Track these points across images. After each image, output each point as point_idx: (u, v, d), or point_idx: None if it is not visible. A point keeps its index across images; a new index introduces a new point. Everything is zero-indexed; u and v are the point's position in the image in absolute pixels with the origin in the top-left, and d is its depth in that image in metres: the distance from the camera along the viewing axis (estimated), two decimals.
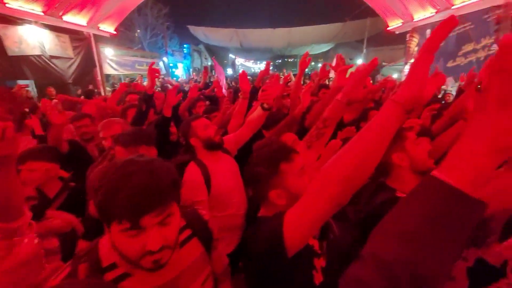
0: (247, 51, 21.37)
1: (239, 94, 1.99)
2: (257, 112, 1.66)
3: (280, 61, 24.97)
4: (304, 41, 17.11)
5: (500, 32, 5.05)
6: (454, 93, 4.71)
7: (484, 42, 5.58)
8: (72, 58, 7.83)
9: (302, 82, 2.76)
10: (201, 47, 21.17)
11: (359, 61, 14.40)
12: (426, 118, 2.02)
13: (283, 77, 3.92)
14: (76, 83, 7.94)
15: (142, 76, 10.41)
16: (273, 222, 0.71)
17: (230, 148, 1.74)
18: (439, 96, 5.73)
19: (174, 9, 18.96)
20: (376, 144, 0.57)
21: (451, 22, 0.47)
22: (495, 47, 5.22)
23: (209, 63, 21.35)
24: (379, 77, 10.55)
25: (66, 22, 6.97)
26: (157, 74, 1.93)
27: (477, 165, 0.38)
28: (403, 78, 7.59)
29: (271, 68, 23.19)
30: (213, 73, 19.56)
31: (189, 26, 17.16)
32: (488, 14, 5.32)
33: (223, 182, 1.50)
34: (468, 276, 0.95)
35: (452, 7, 6.18)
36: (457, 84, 5.44)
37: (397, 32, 8.87)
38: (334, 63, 2.07)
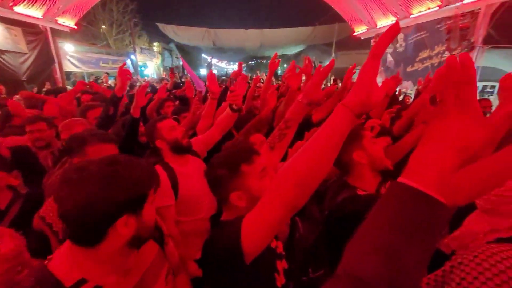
0: (220, 52, 21.19)
1: (208, 94, 1.96)
2: (226, 113, 1.65)
3: (253, 62, 25.08)
4: (276, 42, 17.39)
5: (451, 41, 5.56)
6: (413, 96, 5.09)
7: (438, 49, 6.11)
8: (26, 54, 7.16)
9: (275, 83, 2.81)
10: (172, 45, 20.57)
11: None
12: (386, 120, 2.16)
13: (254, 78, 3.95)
14: (31, 80, 7.27)
15: (108, 74, 9.84)
16: (231, 228, 0.71)
17: (199, 150, 1.70)
18: (400, 98, 6.17)
19: (142, 5, 18.17)
20: (327, 148, 0.58)
21: (394, 29, 0.49)
22: (446, 54, 5.74)
23: (181, 63, 20.83)
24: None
25: (18, 13, 6.36)
26: (128, 76, 1.84)
27: (440, 168, 0.38)
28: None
29: (244, 69, 23.12)
30: (185, 73, 19.09)
31: (158, 24, 16.59)
32: (441, 24, 5.83)
33: (192, 186, 1.46)
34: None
35: (410, 16, 6.67)
36: (415, 87, 5.88)
37: (362, 38, 9.38)
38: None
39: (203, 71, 18.92)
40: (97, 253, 0.65)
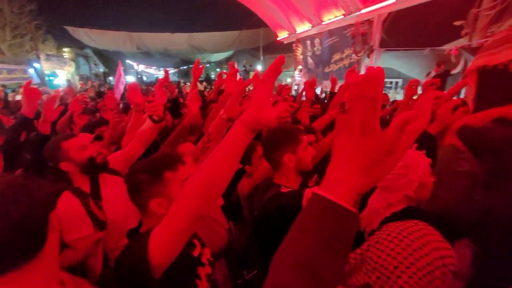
0: (147, 57, 19.80)
1: (132, 106, 1.82)
2: (146, 125, 1.56)
3: (185, 67, 24.22)
4: (205, 47, 17.24)
5: (356, 44, 6.46)
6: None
7: (347, 52, 7.03)
8: None
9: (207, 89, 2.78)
10: (89, 51, 18.27)
11: (259, 67, 15.62)
12: (305, 118, 2.38)
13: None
14: None
15: (4, 86, 8.17)
16: (139, 243, 0.70)
17: (120, 167, 1.57)
18: (322, 96, 6.88)
19: (45, 6, 15.62)
20: (227, 159, 0.63)
21: (279, 62, 0.57)
22: (354, 56, 6.65)
23: (101, 70, 18.68)
24: (276, 82, 11.73)
25: None
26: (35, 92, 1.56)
27: (351, 182, 0.42)
28: (293, 83, 8.65)
29: (176, 75, 22.04)
30: (108, 82, 17.20)
31: (67, 27, 14.55)
32: (347, 30, 6.72)
33: (113, 209, 1.33)
34: None
35: (322, 23, 7.51)
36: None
37: (285, 42, 10.09)
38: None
39: (130, 79, 17.39)
40: None
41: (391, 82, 8.13)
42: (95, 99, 7.02)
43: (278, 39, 10.26)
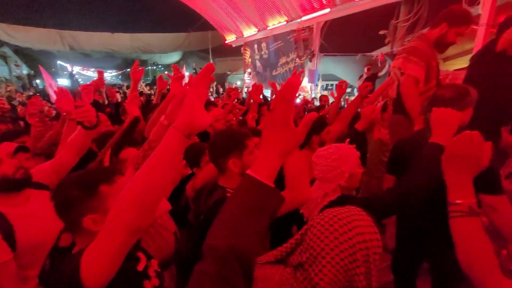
0: (84, 58, 17.82)
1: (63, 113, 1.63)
2: (77, 132, 1.43)
3: (129, 70, 22.34)
4: (151, 48, 16.36)
5: (298, 49, 6.88)
6: None
7: (291, 56, 7.44)
8: None
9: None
10: (7, 50, 15.69)
11: None
12: (251, 120, 2.48)
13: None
14: None
15: None
16: (69, 265, 0.64)
17: (49, 180, 1.41)
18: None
19: None
20: (162, 165, 0.61)
21: (208, 70, 0.61)
22: (297, 60, 7.07)
23: (24, 72, 16.25)
24: (227, 85, 11.78)
25: None
26: None
27: (273, 164, 0.55)
28: (244, 85, 8.78)
29: (119, 78, 20.24)
30: (35, 85, 15.04)
31: None
32: (290, 35, 7.12)
33: (37, 229, 1.18)
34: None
35: (268, 28, 7.82)
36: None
37: (234, 45, 10.20)
38: (183, 72, 2.13)
39: (64, 82, 15.43)
40: None
41: (331, 85, 8.87)
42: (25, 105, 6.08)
43: (226, 42, 10.32)
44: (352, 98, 5.19)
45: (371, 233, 0.65)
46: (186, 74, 12.68)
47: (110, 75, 19.91)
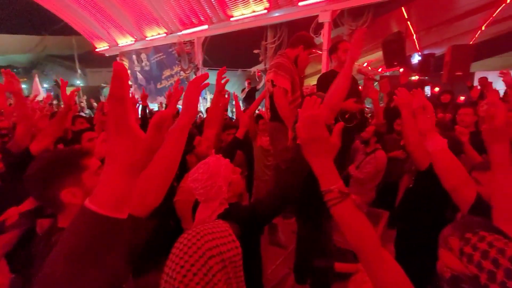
0: None
1: None
2: None
3: None
4: None
5: (182, 62, 6.80)
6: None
7: (176, 69, 7.26)
8: None
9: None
10: None
11: (78, 83, 12.99)
12: None
13: None
14: None
15: None
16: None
17: None
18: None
19: None
20: None
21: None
22: (182, 73, 6.97)
23: None
24: (102, 98, 10.21)
25: None
26: None
27: (114, 186, 0.42)
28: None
29: None
30: None
31: None
32: (172, 48, 6.94)
33: None
34: None
35: (146, 39, 7.34)
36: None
37: (107, 55, 9.00)
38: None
39: None
40: None
41: None
42: None
43: (97, 50, 8.97)
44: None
45: (226, 243, 0.70)
46: (42, 88, 10.15)
47: None
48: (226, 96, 2.63)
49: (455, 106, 3.88)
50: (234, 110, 7.36)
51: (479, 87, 4.86)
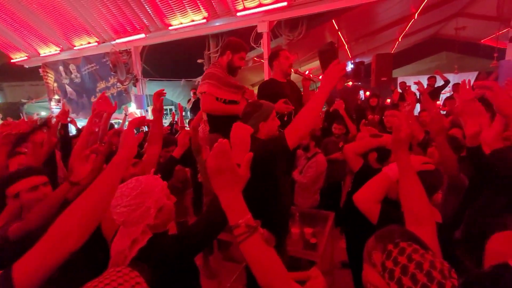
0: None
1: None
2: None
3: None
4: None
5: (119, 73, 6.27)
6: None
7: (112, 81, 6.66)
8: None
9: None
10: None
11: None
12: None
13: None
14: None
15: None
16: None
17: None
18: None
19: None
20: None
21: None
22: (119, 85, 6.43)
23: None
24: (24, 116, 8.82)
25: None
26: None
27: None
28: (52, 115, 6.94)
29: None
30: None
31: None
32: (106, 58, 6.36)
33: None
34: None
35: (74, 48, 6.59)
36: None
37: (26, 66, 7.83)
38: None
39: None
40: None
41: (165, 109, 8.79)
42: None
43: (13, 61, 7.74)
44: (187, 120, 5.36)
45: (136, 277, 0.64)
46: None
47: None
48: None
49: (382, 108, 4.33)
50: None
51: (399, 90, 5.60)
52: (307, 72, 2.62)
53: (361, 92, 8.02)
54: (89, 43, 6.32)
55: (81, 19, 5.77)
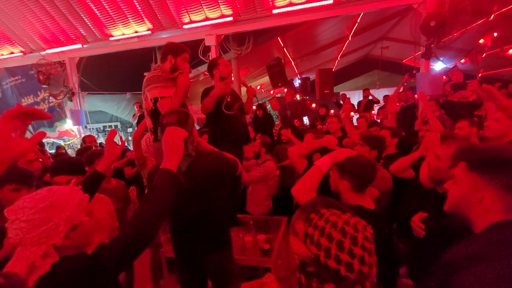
0: None
1: None
2: None
3: None
4: None
5: (52, 87, 5.58)
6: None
7: (42, 95, 5.91)
8: None
9: None
10: None
11: None
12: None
13: None
14: None
15: None
16: None
17: None
18: None
19: None
20: None
21: None
22: (52, 99, 5.73)
23: None
24: None
25: None
26: None
27: None
28: None
29: None
30: None
31: None
32: (32, 70, 5.64)
33: None
34: None
35: None
36: None
37: None
38: None
39: None
40: None
41: (110, 126, 8.08)
42: None
43: None
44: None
45: None
46: None
47: None
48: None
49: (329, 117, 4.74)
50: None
51: (340, 101, 6.26)
52: (258, 87, 2.72)
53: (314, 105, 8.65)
54: (12, 53, 5.56)
55: (1, 26, 5.08)
